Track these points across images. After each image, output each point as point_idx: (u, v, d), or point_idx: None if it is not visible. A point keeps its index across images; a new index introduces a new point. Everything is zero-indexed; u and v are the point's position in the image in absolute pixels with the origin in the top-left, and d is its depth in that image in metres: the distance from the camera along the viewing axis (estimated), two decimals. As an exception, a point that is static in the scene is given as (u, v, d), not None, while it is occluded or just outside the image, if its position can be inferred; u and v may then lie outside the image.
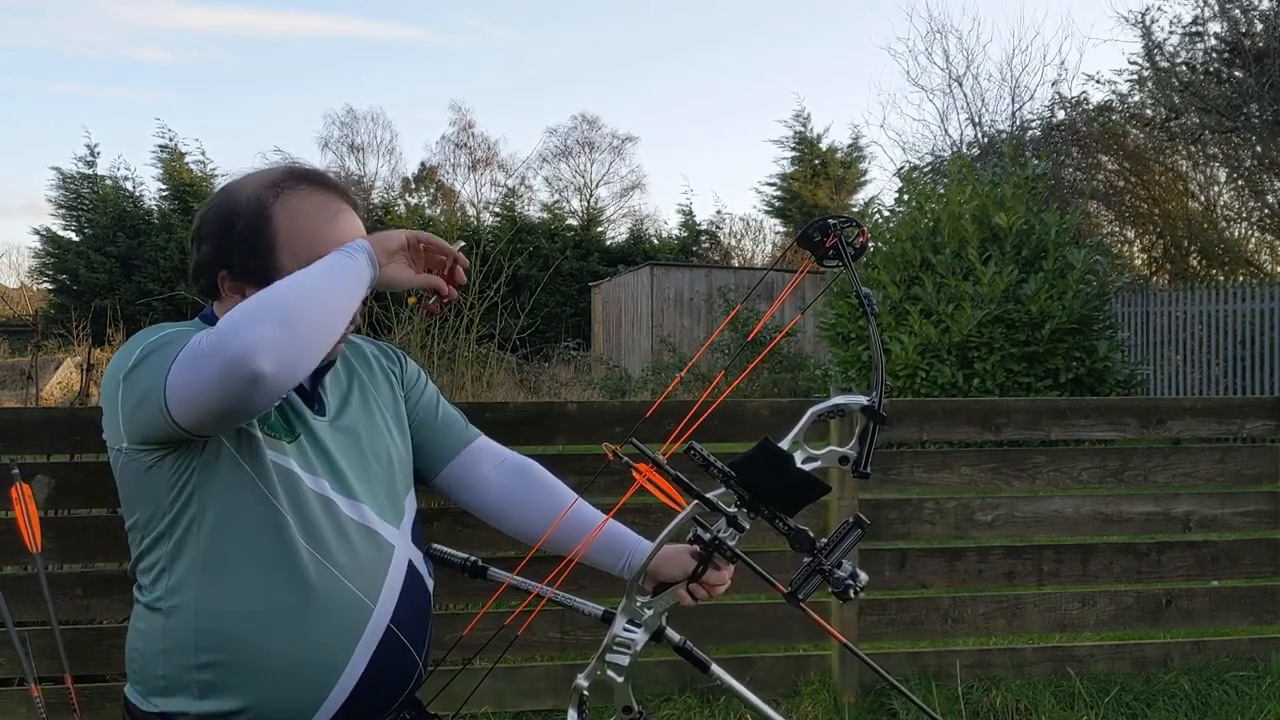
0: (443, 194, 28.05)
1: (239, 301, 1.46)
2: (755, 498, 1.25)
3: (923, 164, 17.13)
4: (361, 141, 28.80)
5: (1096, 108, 15.92)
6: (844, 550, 1.24)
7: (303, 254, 1.46)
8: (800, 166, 25.99)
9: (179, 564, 1.41)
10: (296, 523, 1.42)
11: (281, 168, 1.54)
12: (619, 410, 3.06)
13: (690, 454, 1.20)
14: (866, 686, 3.12)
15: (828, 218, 1.44)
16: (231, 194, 1.52)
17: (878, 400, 1.35)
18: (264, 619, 1.39)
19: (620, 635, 1.35)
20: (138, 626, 1.47)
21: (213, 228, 1.50)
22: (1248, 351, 9.87)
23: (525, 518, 1.70)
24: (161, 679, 1.41)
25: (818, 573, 1.23)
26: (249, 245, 1.46)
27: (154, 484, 1.40)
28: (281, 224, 1.47)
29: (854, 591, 1.23)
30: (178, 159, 22.51)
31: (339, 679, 1.41)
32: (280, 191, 1.49)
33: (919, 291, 8.86)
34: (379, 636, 1.45)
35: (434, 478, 1.75)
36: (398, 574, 1.51)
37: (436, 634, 1.56)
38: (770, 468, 1.22)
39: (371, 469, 1.55)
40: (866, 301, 1.42)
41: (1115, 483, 3.25)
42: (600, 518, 1.67)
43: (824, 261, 1.45)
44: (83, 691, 2.63)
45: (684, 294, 16.84)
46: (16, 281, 27.42)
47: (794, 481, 1.23)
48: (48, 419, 2.72)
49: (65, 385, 10.79)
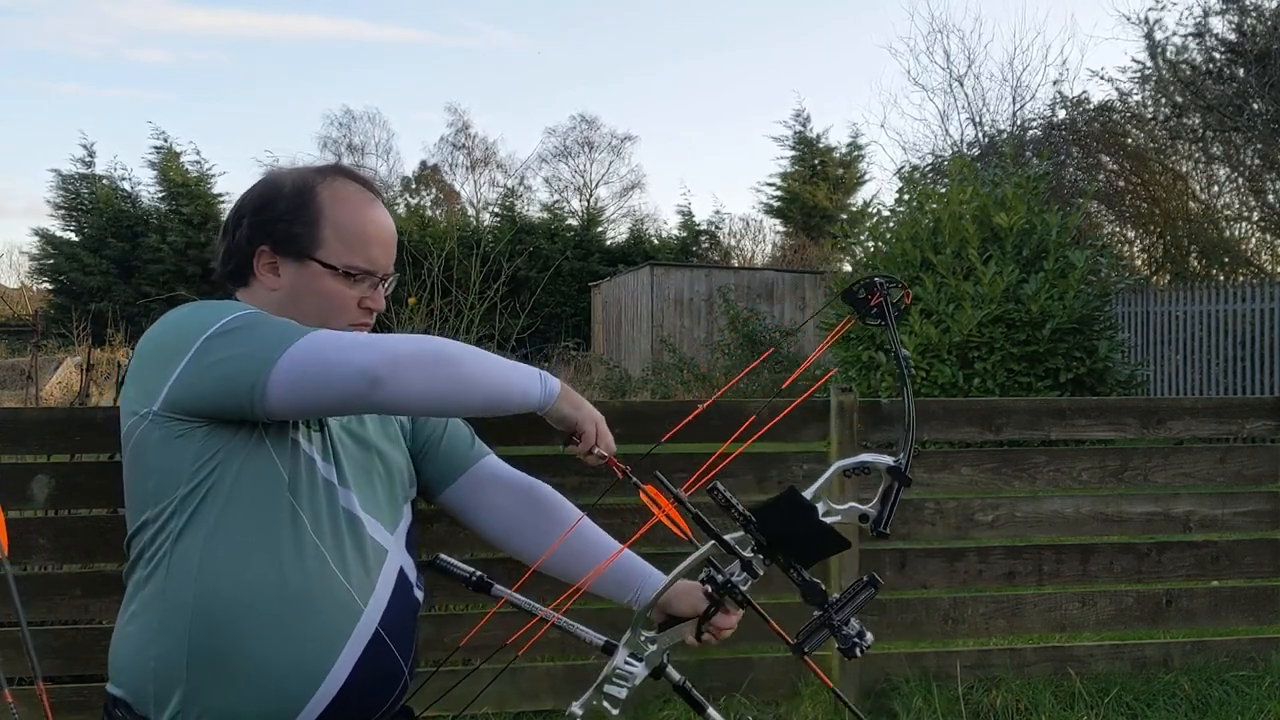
0: (443, 194, 28.04)
1: (272, 283, 1.53)
2: (773, 545, 1.24)
3: (923, 164, 17.13)
4: (359, 142, 28.84)
5: (1097, 107, 15.92)
6: (855, 607, 1.24)
7: (345, 228, 1.53)
8: (800, 166, 25.99)
9: (186, 536, 1.38)
10: (306, 509, 1.42)
11: (323, 164, 1.64)
12: (619, 410, 3.05)
13: (713, 494, 1.19)
14: (867, 688, 3.12)
15: (874, 277, 1.44)
16: (275, 177, 1.59)
17: (905, 462, 1.35)
18: (261, 605, 1.37)
19: (621, 668, 1.34)
20: (129, 611, 1.44)
21: (255, 204, 1.55)
22: (1248, 351, 9.86)
23: (535, 545, 1.68)
24: (152, 662, 1.37)
25: (826, 627, 1.23)
26: (294, 213, 1.52)
27: (178, 454, 1.39)
28: (326, 197, 1.54)
29: (860, 650, 1.24)
30: (172, 159, 22.50)
31: (324, 680, 1.39)
32: (325, 176, 1.57)
33: (919, 291, 8.85)
34: (367, 639, 1.43)
35: (438, 495, 1.74)
36: (388, 579, 1.50)
37: (438, 634, 1.56)
38: (793, 517, 1.21)
39: (374, 473, 1.56)
40: (905, 364, 1.43)
41: (1115, 483, 3.25)
42: (612, 545, 1.66)
43: (866, 319, 1.45)
44: (80, 691, 2.63)
45: (684, 294, 16.83)
46: (16, 282, 27.41)
47: (814, 534, 1.22)
48: (47, 419, 2.72)
49: (65, 385, 10.78)
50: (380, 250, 1.56)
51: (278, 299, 1.53)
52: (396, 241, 1.62)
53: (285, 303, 1.52)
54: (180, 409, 1.37)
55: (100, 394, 7.72)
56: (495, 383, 1.42)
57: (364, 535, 1.49)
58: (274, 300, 1.53)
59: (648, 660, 1.36)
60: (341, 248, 1.52)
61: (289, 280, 1.53)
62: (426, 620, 2.76)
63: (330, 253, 1.52)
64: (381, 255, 1.57)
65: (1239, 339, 9.97)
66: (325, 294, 1.52)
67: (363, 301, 1.56)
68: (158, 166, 22.52)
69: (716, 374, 14.18)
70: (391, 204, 25.46)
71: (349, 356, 1.33)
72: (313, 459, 1.45)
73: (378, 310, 1.59)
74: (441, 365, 1.36)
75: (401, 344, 1.35)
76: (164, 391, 1.37)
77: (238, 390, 1.34)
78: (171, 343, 1.39)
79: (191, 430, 1.38)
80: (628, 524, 2.70)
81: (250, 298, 1.54)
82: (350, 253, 1.53)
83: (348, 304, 1.55)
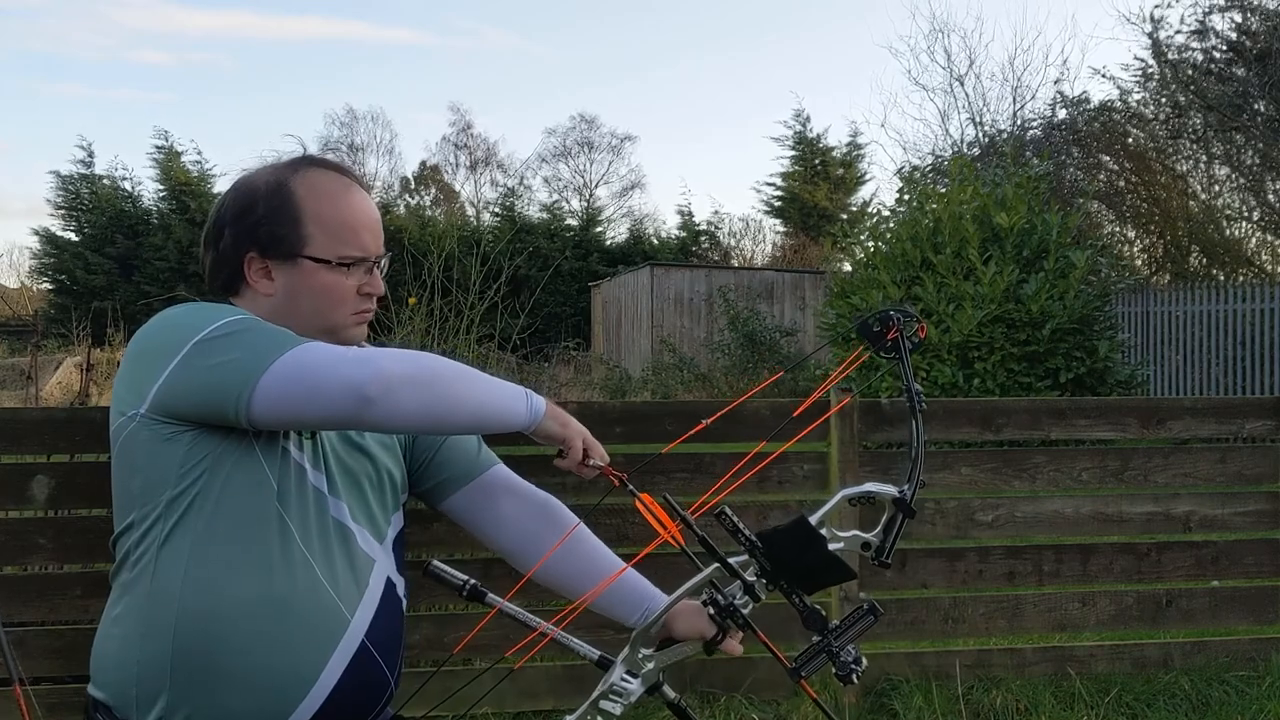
0: (443, 194, 28.04)
1: (267, 288, 1.51)
2: (777, 571, 1.24)
3: (923, 164, 17.13)
4: (361, 141, 28.83)
5: (1097, 107, 15.91)
6: (854, 635, 1.24)
7: (328, 220, 1.50)
8: (800, 166, 25.97)
9: (172, 541, 1.37)
10: (295, 518, 1.41)
11: (292, 157, 1.59)
12: (620, 410, 3.05)
13: (720, 519, 1.20)
14: (867, 687, 3.12)
15: (889, 310, 1.45)
16: (247, 181, 1.55)
17: (910, 494, 1.35)
18: (248, 615, 1.36)
19: (617, 684, 1.34)
20: (113, 614, 1.43)
21: (234, 213, 1.52)
22: (1248, 351, 9.86)
23: (546, 561, 1.64)
24: (135, 666, 1.37)
25: (824, 653, 1.24)
26: (274, 216, 1.49)
27: (165, 456, 1.38)
28: (303, 193, 1.51)
29: (856, 676, 1.24)
30: (173, 158, 22.51)
31: (310, 690, 1.37)
32: (297, 170, 1.54)
33: (919, 291, 8.85)
34: (354, 650, 1.42)
35: (441, 502, 1.71)
36: (375, 589, 1.48)
37: (436, 634, 1.56)
38: (800, 545, 1.22)
39: (364, 481, 1.54)
40: (917, 398, 1.43)
41: (1115, 483, 3.24)
42: (617, 564, 1.64)
43: (880, 353, 1.46)
44: (80, 691, 2.62)
45: (684, 294, 16.83)
46: (16, 282, 27.41)
47: (819, 562, 1.23)
48: (47, 419, 2.72)
49: (65, 385, 10.78)
50: (369, 234, 1.54)
51: (275, 303, 1.50)
52: (381, 221, 1.60)
53: (283, 305, 1.50)
54: (167, 412, 1.36)
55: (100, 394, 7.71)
56: (484, 402, 1.42)
57: (354, 546, 1.47)
58: (271, 304, 1.50)
59: (644, 678, 1.36)
60: (329, 240, 1.50)
61: (283, 283, 1.50)
62: (426, 620, 2.76)
63: (319, 247, 1.49)
64: (370, 239, 1.54)
65: (1239, 339, 9.97)
66: (322, 289, 1.50)
67: (361, 288, 1.54)
68: (160, 165, 22.53)
69: (716, 374, 14.18)
70: (391, 204, 25.47)
71: (341, 372, 1.31)
72: (303, 467, 1.44)
73: (377, 294, 1.57)
74: (434, 385, 1.35)
75: (395, 363, 1.33)
76: (152, 393, 1.36)
77: (224, 399, 1.32)
78: (161, 345, 1.38)
79: (179, 434, 1.37)
80: (628, 524, 2.70)
81: (246, 305, 1.51)
82: (339, 243, 1.51)
83: (346, 294, 1.52)
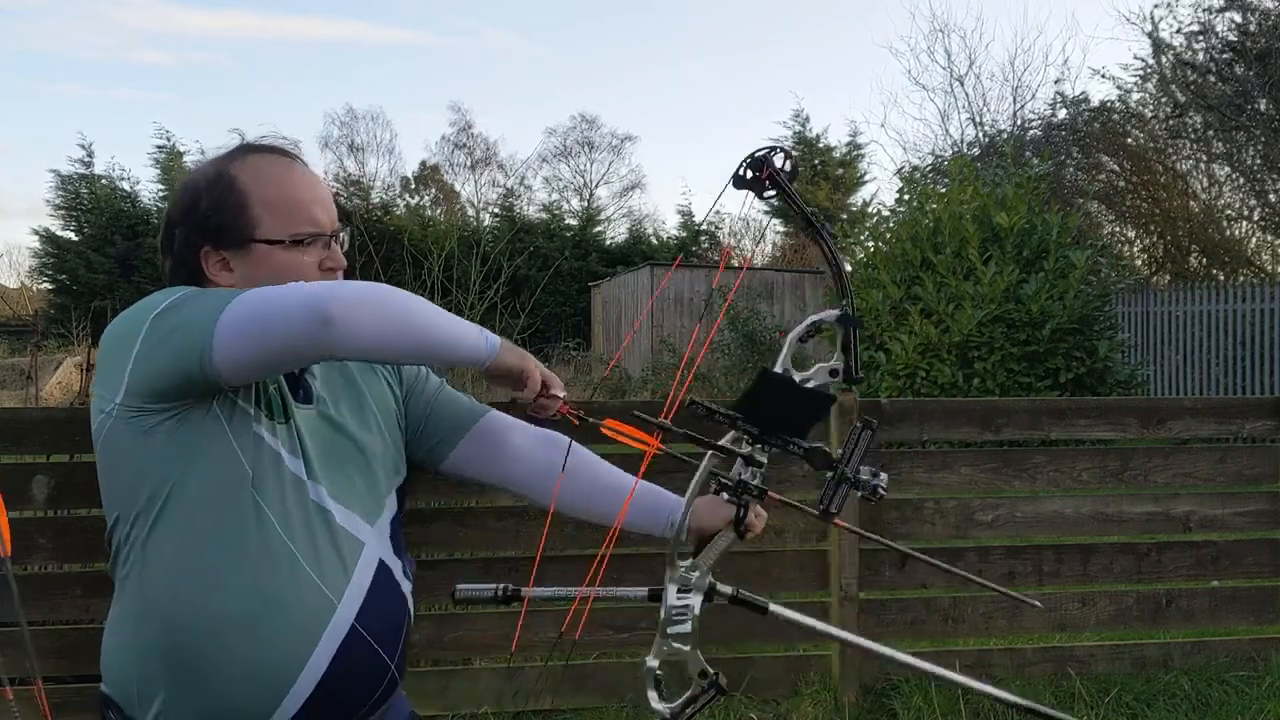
0: (443, 193, 28.03)
1: (227, 280, 1.51)
2: (765, 430, 1.25)
3: (923, 164, 17.13)
4: (361, 141, 28.78)
5: (1097, 107, 15.91)
6: (860, 455, 1.26)
7: (274, 200, 1.50)
8: (799, 166, 25.98)
9: (154, 536, 1.39)
10: (274, 506, 1.41)
11: (231, 147, 1.58)
12: (619, 410, 3.05)
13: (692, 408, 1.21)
14: (867, 687, 3.12)
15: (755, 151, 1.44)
16: (190, 181, 1.56)
17: (851, 306, 1.37)
18: (231, 608, 1.36)
19: (675, 605, 1.35)
20: (113, 612, 1.47)
21: (180, 211, 1.53)
22: (1248, 351, 9.87)
23: (563, 487, 1.66)
24: (134, 664, 1.40)
25: (843, 483, 1.25)
26: (220, 206, 1.49)
27: (142, 452, 1.38)
28: (246, 179, 1.51)
29: (881, 490, 1.26)
30: (175, 158, 22.52)
31: (298, 678, 1.38)
32: (236, 158, 1.54)
33: (919, 291, 8.85)
34: (342, 635, 1.42)
35: (442, 461, 1.73)
36: (366, 572, 1.48)
37: (438, 633, 1.55)
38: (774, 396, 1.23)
39: (350, 463, 1.54)
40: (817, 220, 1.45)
41: (1115, 483, 3.25)
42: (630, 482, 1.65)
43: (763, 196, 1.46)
44: (81, 691, 2.63)
45: (684, 294, 16.82)
46: (17, 282, 27.42)
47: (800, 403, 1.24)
48: (47, 419, 2.72)
49: (65, 385, 10.78)
50: (320, 209, 1.54)
51: None
52: (332, 195, 1.59)
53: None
54: (142, 393, 1.37)
55: (100, 394, 7.70)
56: (443, 327, 1.42)
57: (336, 528, 1.47)
58: None
59: (696, 587, 1.37)
60: (278, 220, 1.50)
61: (242, 271, 1.50)
62: (427, 620, 2.76)
63: (269, 229, 1.49)
64: (321, 213, 1.54)
65: (1239, 339, 9.97)
66: (281, 269, 1.49)
67: (322, 264, 1.54)
68: (161, 165, 22.54)
69: (716, 374, 14.18)
70: (391, 204, 25.43)
71: (300, 293, 1.32)
72: (278, 453, 1.44)
73: (340, 267, 1.56)
74: (391, 308, 1.35)
75: (350, 286, 1.36)
76: (125, 379, 1.37)
77: (188, 356, 1.32)
78: (124, 332, 1.39)
79: (154, 427, 1.37)
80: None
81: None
82: (289, 222, 1.50)
83: (307, 272, 1.51)
